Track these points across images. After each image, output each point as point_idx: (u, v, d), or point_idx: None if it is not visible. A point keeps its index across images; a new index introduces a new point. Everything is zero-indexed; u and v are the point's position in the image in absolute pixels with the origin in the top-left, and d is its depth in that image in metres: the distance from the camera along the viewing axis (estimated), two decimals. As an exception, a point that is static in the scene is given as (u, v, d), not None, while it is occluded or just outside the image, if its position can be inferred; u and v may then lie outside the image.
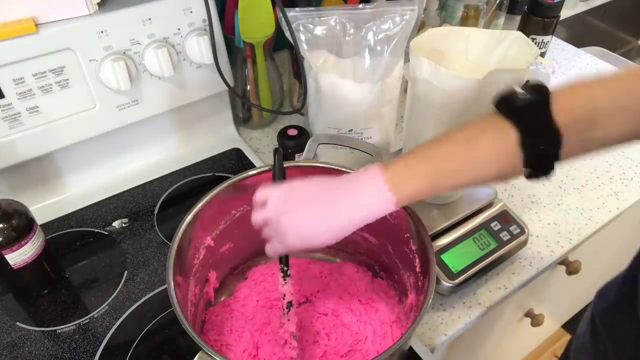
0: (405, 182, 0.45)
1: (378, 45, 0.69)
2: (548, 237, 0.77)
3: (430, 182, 0.45)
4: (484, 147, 0.44)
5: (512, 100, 0.43)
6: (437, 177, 0.45)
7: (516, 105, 0.43)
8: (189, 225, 0.55)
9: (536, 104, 0.42)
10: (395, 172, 0.45)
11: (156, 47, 0.70)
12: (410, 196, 0.45)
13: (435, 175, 0.45)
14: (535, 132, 0.42)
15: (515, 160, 0.43)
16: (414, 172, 0.45)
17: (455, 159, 0.44)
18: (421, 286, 0.53)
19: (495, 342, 1.04)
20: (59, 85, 0.67)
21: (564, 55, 1.15)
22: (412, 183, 0.45)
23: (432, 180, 0.45)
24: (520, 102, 0.43)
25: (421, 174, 0.45)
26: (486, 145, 0.44)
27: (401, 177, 0.45)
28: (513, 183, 0.85)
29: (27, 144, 0.69)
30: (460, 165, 0.44)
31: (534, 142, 0.42)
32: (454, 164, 0.44)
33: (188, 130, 0.86)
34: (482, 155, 0.44)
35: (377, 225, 0.61)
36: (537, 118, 0.42)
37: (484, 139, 0.44)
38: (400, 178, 0.45)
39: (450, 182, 0.45)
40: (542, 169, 0.44)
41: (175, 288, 0.49)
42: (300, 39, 0.70)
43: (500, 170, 0.45)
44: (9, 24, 0.61)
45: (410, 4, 0.68)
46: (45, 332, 0.63)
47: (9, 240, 0.59)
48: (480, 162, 0.44)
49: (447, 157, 0.45)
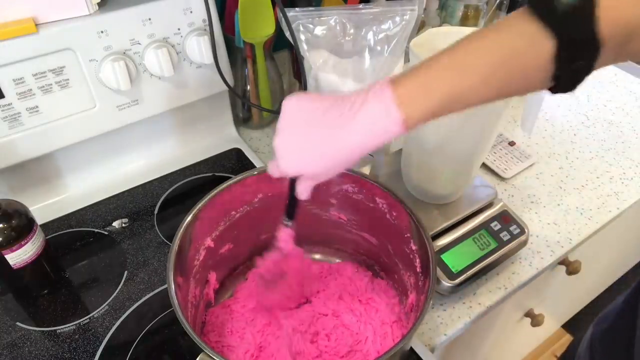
0: (417, 99, 0.39)
1: (378, 45, 0.69)
2: (548, 237, 0.77)
3: (445, 101, 0.39)
4: (514, 58, 0.37)
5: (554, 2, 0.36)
6: (454, 95, 0.39)
7: (558, 11, 0.36)
8: (189, 226, 0.55)
9: (581, 10, 0.35)
10: (406, 87, 0.39)
11: (156, 47, 0.70)
12: (421, 117, 0.39)
13: (452, 92, 0.39)
14: (575, 46, 0.36)
15: (545, 73, 0.38)
16: (429, 88, 0.39)
17: (477, 74, 0.38)
18: (422, 286, 0.53)
19: (495, 342, 1.04)
20: (59, 85, 0.67)
21: (564, 55, 1.15)
22: (425, 101, 0.39)
23: (449, 99, 0.39)
24: (562, 7, 0.35)
25: (437, 91, 0.39)
26: (517, 54, 0.37)
27: (413, 94, 0.39)
28: (513, 183, 0.85)
29: (27, 144, 0.69)
30: (482, 81, 0.38)
31: (572, 57, 0.37)
32: (475, 79, 0.38)
33: (188, 130, 0.86)
34: (510, 67, 0.38)
35: (377, 225, 0.61)
36: (580, 29, 0.36)
37: (516, 47, 0.37)
38: (412, 95, 0.39)
39: (468, 100, 0.39)
40: (571, 85, 0.39)
41: (175, 289, 0.49)
42: (300, 39, 0.70)
43: (525, 84, 0.39)
44: (9, 24, 0.61)
45: (410, 4, 0.68)
46: (45, 332, 0.63)
47: (9, 240, 0.59)
48: (507, 74, 0.38)
49: (467, 70, 0.38)
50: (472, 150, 0.66)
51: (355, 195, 0.61)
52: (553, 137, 0.95)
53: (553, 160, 0.90)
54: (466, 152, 0.66)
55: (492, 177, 0.86)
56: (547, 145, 0.93)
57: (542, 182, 0.85)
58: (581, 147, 0.93)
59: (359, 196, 0.61)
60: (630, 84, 1.07)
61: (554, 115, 1.00)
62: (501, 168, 0.86)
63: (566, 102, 1.03)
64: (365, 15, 0.69)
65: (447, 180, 0.70)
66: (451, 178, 0.70)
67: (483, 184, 0.76)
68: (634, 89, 1.06)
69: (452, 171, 0.69)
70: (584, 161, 0.90)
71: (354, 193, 0.61)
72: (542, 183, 0.85)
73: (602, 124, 0.98)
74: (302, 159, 0.44)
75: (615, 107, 1.01)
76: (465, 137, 0.63)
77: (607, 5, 0.35)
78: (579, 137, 0.95)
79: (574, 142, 0.94)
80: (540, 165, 0.89)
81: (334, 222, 0.65)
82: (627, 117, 0.99)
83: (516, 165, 0.87)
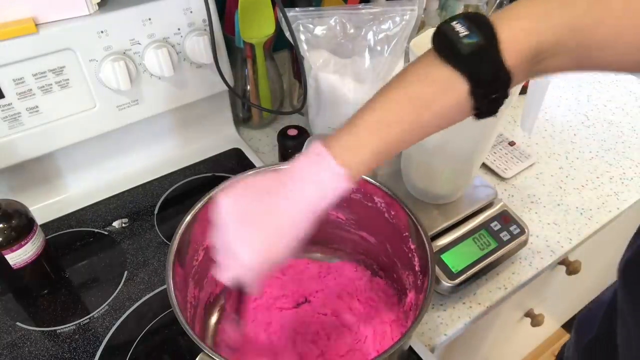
0: (355, 155, 0.40)
1: (378, 45, 0.69)
2: (548, 237, 0.77)
3: (380, 153, 0.40)
4: (433, 104, 0.39)
5: (457, 45, 0.37)
6: (388, 143, 0.41)
7: (463, 53, 0.37)
8: (188, 226, 0.55)
9: (485, 49, 0.37)
10: (341, 147, 0.40)
11: (156, 47, 0.70)
12: (363, 168, 0.41)
13: (383, 145, 0.40)
14: (487, 82, 0.38)
15: (465, 108, 0.40)
16: (362, 142, 0.40)
17: (404, 121, 0.40)
18: (420, 285, 0.53)
19: (495, 342, 1.04)
20: (59, 85, 0.67)
21: (564, 55, 1.15)
22: (362, 156, 0.40)
23: (383, 150, 0.40)
24: (466, 49, 0.37)
25: (369, 147, 0.40)
26: (435, 100, 0.39)
27: (349, 151, 0.40)
28: (513, 183, 0.85)
29: (27, 144, 0.69)
30: (408, 130, 0.40)
31: (486, 92, 0.39)
32: (400, 130, 0.40)
33: (188, 130, 0.86)
34: (431, 113, 0.40)
35: (375, 225, 0.61)
36: (489, 67, 0.38)
37: (432, 95, 0.39)
38: (349, 152, 0.40)
39: (401, 145, 0.41)
40: (492, 112, 0.41)
41: (174, 289, 0.49)
42: (300, 39, 0.70)
43: (450, 121, 0.41)
44: (9, 24, 0.61)
45: (410, 4, 0.68)
46: (45, 332, 0.63)
47: (9, 240, 0.59)
48: (430, 119, 0.40)
49: (392, 125, 0.40)
50: (472, 150, 0.66)
51: (353, 195, 0.61)
52: (553, 137, 0.95)
53: (553, 160, 0.90)
54: (466, 152, 0.66)
55: (492, 177, 0.86)
56: (547, 145, 0.93)
57: (542, 182, 0.85)
58: (581, 147, 0.93)
59: (358, 195, 0.61)
60: (631, 84, 1.07)
61: (554, 115, 1.00)
62: (501, 168, 0.86)
63: (566, 102, 1.03)
64: (365, 15, 0.69)
65: (447, 180, 0.70)
66: (451, 178, 0.70)
67: (483, 184, 0.76)
68: (634, 89, 1.06)
69: (452, 171, 0.69)
70: (584, 161, 0.90)
71: (353, 192, 0.61)
72: (542, 183, 0.85)
73: (602, 124, 0.98)
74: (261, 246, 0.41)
75: (615, 107, 1.01)
76: (465, 137, 0.63)
77: (507, 39, 0.37)
78: (579, 137, 0.95)
79: (574, 142, 0.94)
80: (540, 165, 0.89)
81: (333, 222, 0.65)
82: (627, 117, 0.99)
83: (516, 165, 0.87)
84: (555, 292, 1.07)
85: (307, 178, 0.41)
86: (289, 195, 0.41)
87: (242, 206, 0.42)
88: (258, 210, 0.41)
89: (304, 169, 0.41)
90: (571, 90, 1.06)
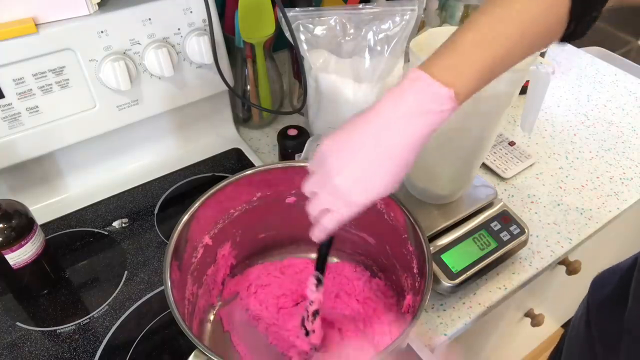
0: (460, 74, 0.38)
1: (378, 45, 0.69)
2: (548, 237, 0.77)
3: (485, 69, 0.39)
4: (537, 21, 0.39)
5: None
6: (492, 63, 0.39)
7: None
8: (187, 224, 0.55)
9: None
10: (442, 68, 0.39)
11: (156, 47, 0.70)
12: (469, 89, 0.39)
13: (490, 60, 0.39)
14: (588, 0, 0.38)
15: (561, 28, 0.39)
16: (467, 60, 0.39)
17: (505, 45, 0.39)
18: (418, 287, 0.53)
19: (495, 342, 1.03)
20: (59, 85, 0.67)
21: (564, 55, 1.15)
22: (468, 74, 0.39)
23: (487, 67, 0.39)
24: None
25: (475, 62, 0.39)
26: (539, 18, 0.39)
27: (453, 70, 0.39)
28: (513, 183, 0.85)
29: (27, 144, 0.69)
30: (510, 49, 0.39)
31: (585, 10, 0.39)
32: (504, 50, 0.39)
33: (188, 130, 0.86)
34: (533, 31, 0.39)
35: (375, 226, 0.61)
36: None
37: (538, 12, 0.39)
38: (452, 71, 0.38)
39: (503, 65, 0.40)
40: (583, 33, 0.41)
41: (172, 286, 0.49)
42: (300, 39, 0.70)
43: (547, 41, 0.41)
44: (9, 24, 0.61)
45: (410, 4, 0.68)
46: (45, 332, 0.63)
47: (9, 240, 0.59)
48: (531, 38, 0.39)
49: (495, 44, 0.39)
50: (472, 150, 0.66)
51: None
52: (553, 137, 0.94)
53: (553, 160, 0.90)
54: (466, 152, 0.66)
55: (492, 177, 0.86)
56: (547, 145, 0.93)
57: (542, 182, 0.85)
58: (581, 147, 0.93)
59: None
60: (631, 84, 1.07)
61: (554, 115, 0.99)
62: (501, 168, 0.86)
63: (566, 102, 1.03)
64: (365, 15, 0.69)
65: (447, 180, 0.70)
66: (451, 178, 0.70)
67: (483, 184, 0.76)
68: (634, 89, 1.06)
69: (452, 171, 0.69)
70: (584, 161, 0.90)
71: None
72: (542, 183, 0.85)
73: (602, 124, 0.98)
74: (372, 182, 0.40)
75: (615, 107, 1.01)
76: (465, 137, 0.63)
77: None
78: (579, 137, 0.95)
79: (574, 142, 0.94)
80: (540, 165, 0.89)
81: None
82: (627, 117, 0.99)
83: (516, 165, 0.87)
84: (555, 292, 1.07)
85: (408, 108, 0.39)
86: (392, 129, 0.39)
87: (344, 146, 0.41)
88: (361, 147, 0.40)
89: (404, 98, 0.39)
90: (571, 90, 1.06)
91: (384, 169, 0.40)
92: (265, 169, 0.60)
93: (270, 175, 0.60)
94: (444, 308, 0.67)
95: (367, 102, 0.71)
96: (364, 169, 0.40)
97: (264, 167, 0.60)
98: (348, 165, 0.40)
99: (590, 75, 1.10)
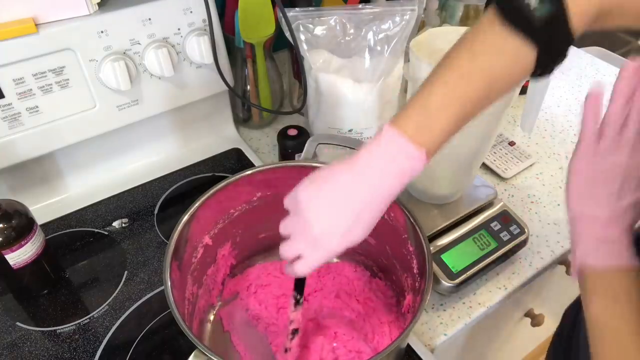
0: (430, 134, 0.41)
1: (378, 45, 0.69)
2: (548, 237, 0.77)
3: (451, 127, 0.41)
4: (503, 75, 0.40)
5: (527, 13, 0.37)
6: (459, 119, 0.41)
7: (536, 24, 0.38)
8: (187, 224, 0.55)
9: (557, 18, 0.37)
10: (414, 128, 0.41)
11: (156, 47, 0.70)
12: (437, 147, 0.42)
13: (457, 117, 0.41)
14: (554, 48, 0.39)
15: (527, 75, 0.41)
16: (436, 120, 0.41)
17: (475, 95, 0.41)
18: (418, 287, 0.53)
19: (495, 342, 1.03)
20: (59, 85, 0.67)
21: (564, 55, 1.15)
22: (437, 133, 0.41)
23: (454, 124, 0.41)
24: (540, 20, 0.37)
25: (443, 121, 0.41)
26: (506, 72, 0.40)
27: (424, 131, 0.41)
28: (513, 183, 0.85)
29: (27, 144, 0.69)
30: (479, 99, 0.41)
31: (552, 58, 0.40)
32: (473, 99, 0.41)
33: (188, 130, 0.86)
34: (500, 84, 0.41)
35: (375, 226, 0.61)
36: (559, 34, 0.38)
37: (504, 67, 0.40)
38: (423, 132, 0.41)
39: (468, 119, 0.42)
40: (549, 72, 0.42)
41: (171, 286, 0.49)
42: (300, 39, 0.70)
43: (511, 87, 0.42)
44: (9, 24, 0.61)
45: (410, 4, 0.68)
46: (45, 332, 0.63)
47: (9, 240, 0.59)
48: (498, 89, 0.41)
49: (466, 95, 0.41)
50: (472, 150, 0.66)
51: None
52: (553, 137, 0.94)
53: (553, 160, 0.90)
54: (466, 152, 0.66)
55: (492, 177, 0.86)
56: (547, 145, 0.93)
57: (542, 182, 0.85)
58: (581, 147, 0.92)
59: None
60: (631, 84, 1.07)
61: (554, 115, 0.99)
62: (501, 168, 0.86)
63: (566, 102, 1.03)
64: (365, 15, 0.69)
65: (447, 180, 0.70)
66: (451, 178, 0.70)
67: (483, 184, 0.76)
68: (634, 89, 1.06)
69: (452, 171, 0.69)
70: (584, 161, 0.89)
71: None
72: (542, 183, 0.85)
73: (602, 124, 0.97)
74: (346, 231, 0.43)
75: (616, 107, 1.01)
76: (465, 137, 0.62)
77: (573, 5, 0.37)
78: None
79: (574, 142, 0.93)
80: (540, 165, 0.89)
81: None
82: (627, 117, 0.99)
83: (516, 165, 0.87)
84: (555, 292, 1.07)
85: (384, 166, 0.42)
86: (368, 183, 0.42)
87: (320, 195, 0.44)
88: (336, 198, 0.43)
89: (380, 156, 0.42)
90: (571, 90, 1.06)
91: (362, 220, 0.43)
92: (265, 169, 0.60)
93: (270, 175, 0.60)
94: (444, 308, 0.67)
95: (367, 102, 0.71)
96: (344, 221, 0.43)
97: (264, 167, 0.60)
98: (328, 216, 0.43)
99: (590, 75, 1.09)
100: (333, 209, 0.43)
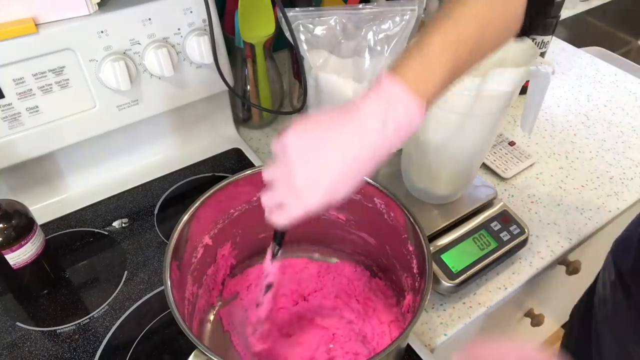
0: (428, 82, 0.39)
1: (378, 45, 0.69)
2: (548, 237, 0.77)
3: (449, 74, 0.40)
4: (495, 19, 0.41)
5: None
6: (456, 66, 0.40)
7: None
8: (187, 224, 0.55)
9: None
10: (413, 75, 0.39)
11: (156, 47, 0.70)
12: (435, 97, 0.40)
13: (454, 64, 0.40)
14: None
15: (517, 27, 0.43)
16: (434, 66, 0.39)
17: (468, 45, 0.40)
18: (418, 287, 0.53)
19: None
20: (59, 85, 0.67)
21: (564, 56, 1.15)
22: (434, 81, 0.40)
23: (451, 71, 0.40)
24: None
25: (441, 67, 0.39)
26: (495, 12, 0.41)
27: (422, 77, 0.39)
28: (513, 183, 0.85)
29: (27, 144, 0.69)
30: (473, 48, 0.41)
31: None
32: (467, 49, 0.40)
33: (188, 130, 0.86)
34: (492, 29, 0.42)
35: (375, 226, 0.61)
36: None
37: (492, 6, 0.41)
38: (421, 79, 0.39)
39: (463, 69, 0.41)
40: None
41: (172, 286, 0.49)
42: (300, 39, 0.70)
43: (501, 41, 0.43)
44: (9, 24, 0.61)
45: (410, 4, 0.68)
46: (45, 332, 0.63)
47: (9, 240, 0.59)
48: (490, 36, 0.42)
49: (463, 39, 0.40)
50: (472, 150, 0.66)
51: (354, 195, 0.61)
52: (553, 137, 0.95)
53: (553, 160, 0.90)
54: (466, 152, 0.66)
55: (492, 177, 0.86)
56: (547, 145, 0.93)
57: (542, 182, 0.85)
58: (581, 147, 0.93)
59: (358, 196, 0.61)
60: (631, 84, 1.07)
61: (554, 115, 0.99)
62: (501, 168, 0.86)
63: (566, 102, 1.03)
64: (365, 15, 0.69)
65: (447, 180, 0.70)
66: (451, 178, 0.70)
67: (483, 184, 0.76)
68: (634, 89, 1.06)
69: (452, 171, 0.69)
70: (584, 161, 0.90)
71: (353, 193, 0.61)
72: (542, 183, 0.85)
73: (602, 124, 0.98)
74: (327, 185, 0.40)
75: (615, 107, 1.01)
76: (465, 137, 0.63)
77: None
78: (579, 137, 0.95)
79: (574, 142, 0.94)
80: (540, 165, 0.89)
81: (333, 222, 0.65)
82: (627, 117, 0.99)
83: (516, 165, 0.87)
84: (555, 292, 1.07)
85: (377, 115, 0.39)
86: (357, 134, 0.39)
87: (309, 144, 0.40)
88: (326, 149, 0.40)
89: (374, 105, 0.39)
90: (571, 90, 1.06)
91: (350, 178, 0.40)
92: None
93: (270, 175, 0.60)
94: (444, 308, 0.67)
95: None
96: (330, 177, 0.40)
97: (264, 167, 0.60)
98: (314, 168, 0.40)
99: (590, 75, 1.10)
100: (320, 161, 0.40)
